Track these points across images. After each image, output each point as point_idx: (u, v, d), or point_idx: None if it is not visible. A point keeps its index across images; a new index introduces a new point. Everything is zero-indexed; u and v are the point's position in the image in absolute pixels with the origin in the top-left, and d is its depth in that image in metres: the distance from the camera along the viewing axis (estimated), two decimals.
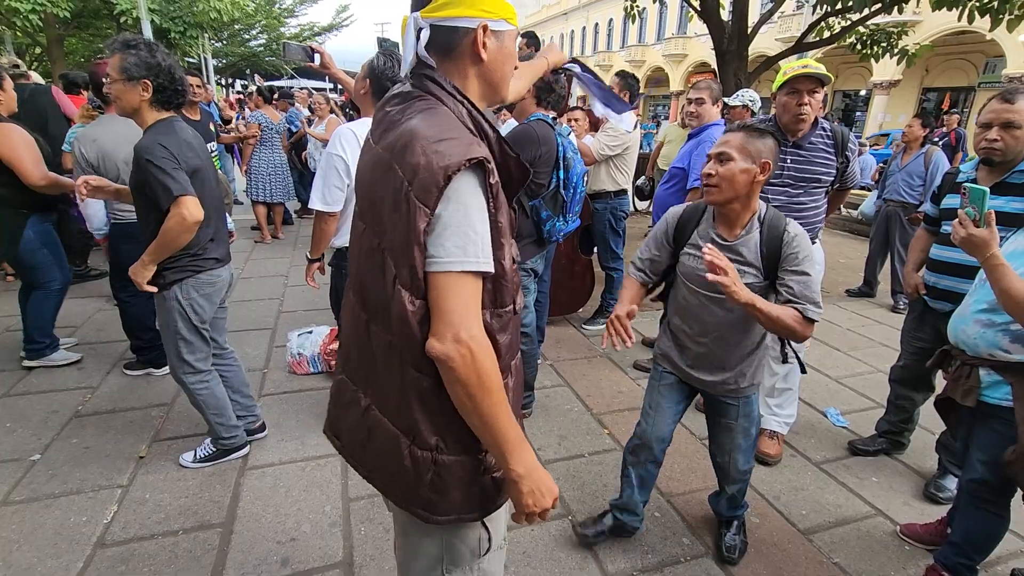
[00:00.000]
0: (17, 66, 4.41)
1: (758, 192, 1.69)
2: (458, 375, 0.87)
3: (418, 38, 0.94)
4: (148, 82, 1.94)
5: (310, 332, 3.43)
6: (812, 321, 1.60)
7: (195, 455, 2.40)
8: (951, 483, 2.39)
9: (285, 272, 5.27)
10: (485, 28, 0.94)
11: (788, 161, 2.47)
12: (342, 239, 2.40)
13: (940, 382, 2.55)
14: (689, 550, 2.06)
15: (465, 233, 0.86)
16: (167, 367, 3.38)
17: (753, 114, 4.02)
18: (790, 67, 2.37)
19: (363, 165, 1.02)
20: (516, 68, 1.09)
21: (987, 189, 1.54)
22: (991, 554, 1.85)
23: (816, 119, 2.45)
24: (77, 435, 2.62)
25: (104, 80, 2.01)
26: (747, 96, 4.07)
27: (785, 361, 2.14)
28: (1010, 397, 1.64)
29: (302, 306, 4.41)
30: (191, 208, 1.95)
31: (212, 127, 5.17)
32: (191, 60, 17.67)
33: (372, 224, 0.95)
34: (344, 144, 2.25)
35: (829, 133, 2.46)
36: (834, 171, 2.48)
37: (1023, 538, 2.16)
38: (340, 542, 2.04)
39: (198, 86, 4.71)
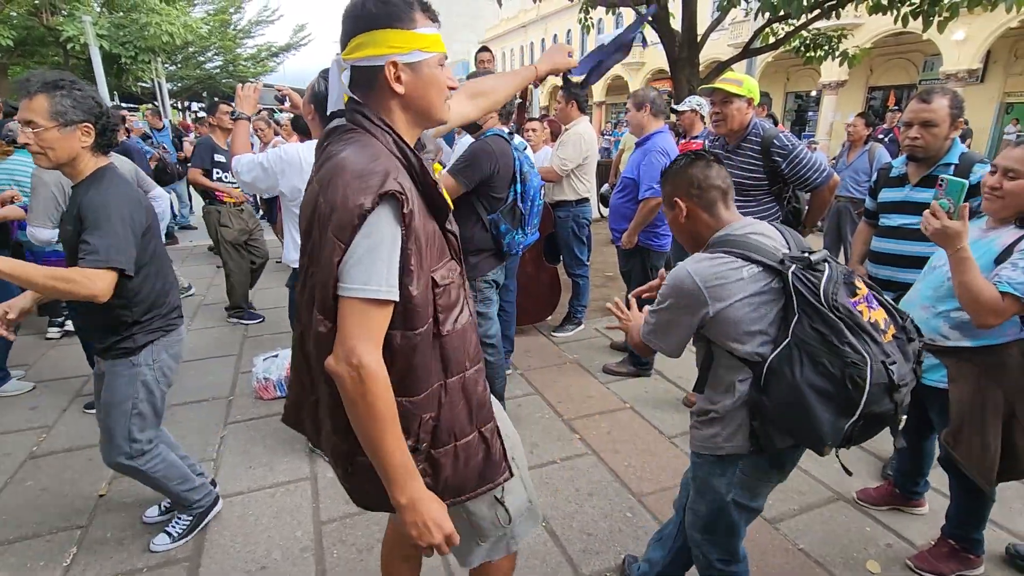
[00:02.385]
0: None
1: None
2: (347, 395, 0.96)
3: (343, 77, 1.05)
4: (90, 126, 1.69)
5: (275, 356, 3.38)
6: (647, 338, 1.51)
7: (172, 535, 2.09)
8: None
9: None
10: (395, 64, 1.01)
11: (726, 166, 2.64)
12: (295, 256, 2.40)
13: None
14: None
15: (372, 263, 0.93)
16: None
17: (702, 118, 4.15)
18: (721, 77, 2.61)
19: (306, 194, 1.08)
20: (454, 88, 1.12)
21: (966, 182, 1.56)
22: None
23: (752, 125, 2.63)
24: (32, 477, 2.51)
25: (22, 129, 1.64)
26: (694, 101, 4.21)
27: None
28: (945, 380, 1.75)
29: (267, 330, 4.34)
30: (101, 285, 1.59)
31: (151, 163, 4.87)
32: (144, 85, 17.29)
33: (306, 249, 1.02)
34: (282, 155, 2.43)
35: (758, 138, 2.60)
36: (762, 175, 2.59)
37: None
38: (312, 567, 2.01)
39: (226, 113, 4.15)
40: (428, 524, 1.02)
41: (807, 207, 2.81)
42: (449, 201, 1.09)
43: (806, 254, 1.28)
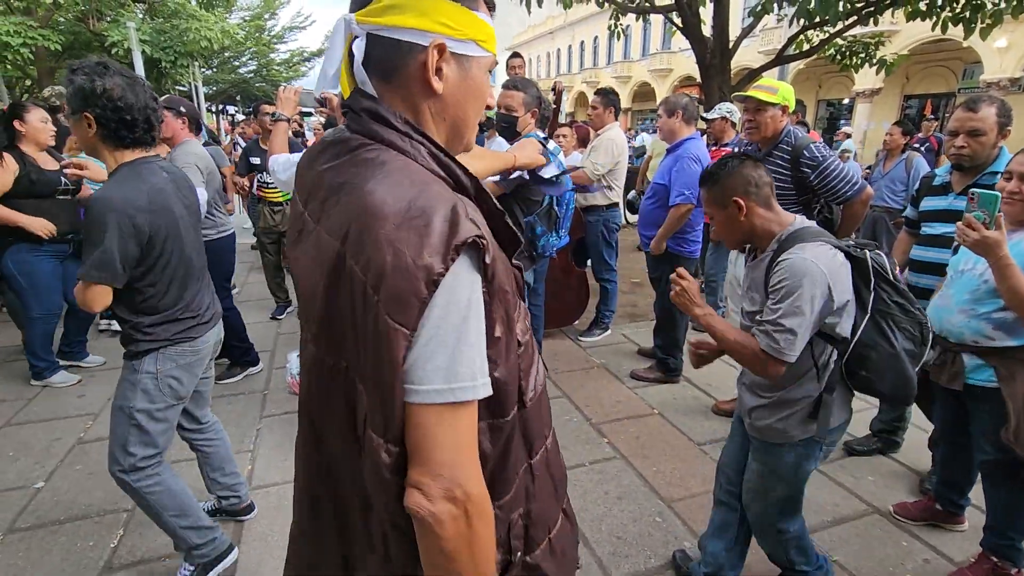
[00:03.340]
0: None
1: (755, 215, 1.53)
2: (444, 544, 0.64)
3: (352, 52, 0.70)
4: (88, 115, 1.55)
5: None
6: (770, 356, 1.40)
7: None
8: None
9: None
10: (441, 48, 0.69)
11: None
12: None
13: None
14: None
15: (455, 348, 0.62)
16: (261, 364, 3.55)
17: (733, 125, 4.14)
18: (753, 84, 2.60)
19: (301, 249, 0.74)
20: (490, 108, 0.91)
21: (999, 194, 1.61)
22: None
23: (785, 133, 2.59)
24: (80, 461, 2.63)
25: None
26: (725, 108, 4.20)
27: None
28: (993, 379, 1.76)
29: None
30: (88, 297, 1.58)
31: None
32: (181, 88, 17.85)
33: (324, 337, 0.70)
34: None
35: (790, 147, 2.55)
36: (789, 185, 2.54)
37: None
38: None
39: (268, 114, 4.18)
40: None
41: (839, 219, 2.76)
42: (520, 234, 0.78)
43: (856, 242, 1.47)
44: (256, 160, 4.40)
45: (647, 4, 6.97)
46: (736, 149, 4.31)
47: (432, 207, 0.62)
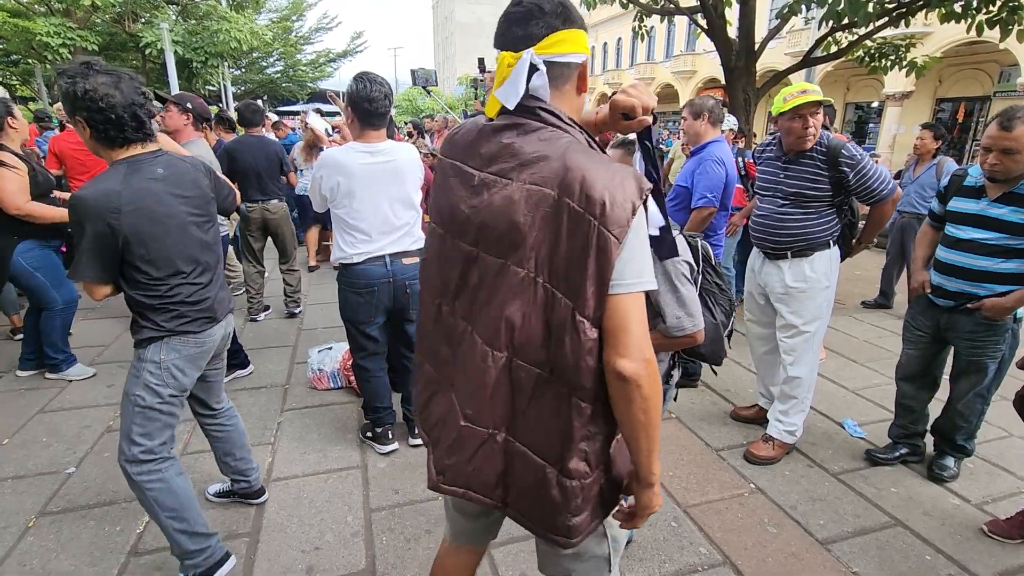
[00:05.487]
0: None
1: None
2: (644, 392, 0.92)
3: (529, 74, 0.97)
4: (80, 118, 1.57)
5: (330, 348, 3.52)
6: (682, 328, 1.56)
7: None
8: (950, 462, 2.59)
9: (304, 291, 5.39)
10: (586, 63, 1.03)
11: (782, 175, 2.60)
12: (340, 253, 2.48)
13: (945, 380, 2.59)
14: (706, 559, 2.07)
15: (643, 255, 0.94)
16: (251, 367, 3.54)
17: (735, 137, 4.18)
18: (789, 93, 2.47)
19: (489, 202, 0.98)
20: None
21: None
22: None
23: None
24: (109, 449, 2.71)
25: None
26: (732, 121, 4.38)
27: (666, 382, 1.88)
28: None
29: (321, 323, 4.52)
30: (90, 290, 1.66)
31: None
32: (211, 87, 18.27)
33: (521, 262, 0.95)
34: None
35: (824, 148, 2.50)
36: (827, 186, 2.49)
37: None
38: (362, 551, 2.09)
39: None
40: (660, 497, 1.07)
41: (863, 222, 2.71)
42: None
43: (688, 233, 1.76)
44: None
45: (671, 5, 6.92)
46: (739, 158, 4.28)
47: (626, 169, 0.94)
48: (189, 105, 3.19)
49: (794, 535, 2.20)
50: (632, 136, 3.33)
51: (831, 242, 2.60)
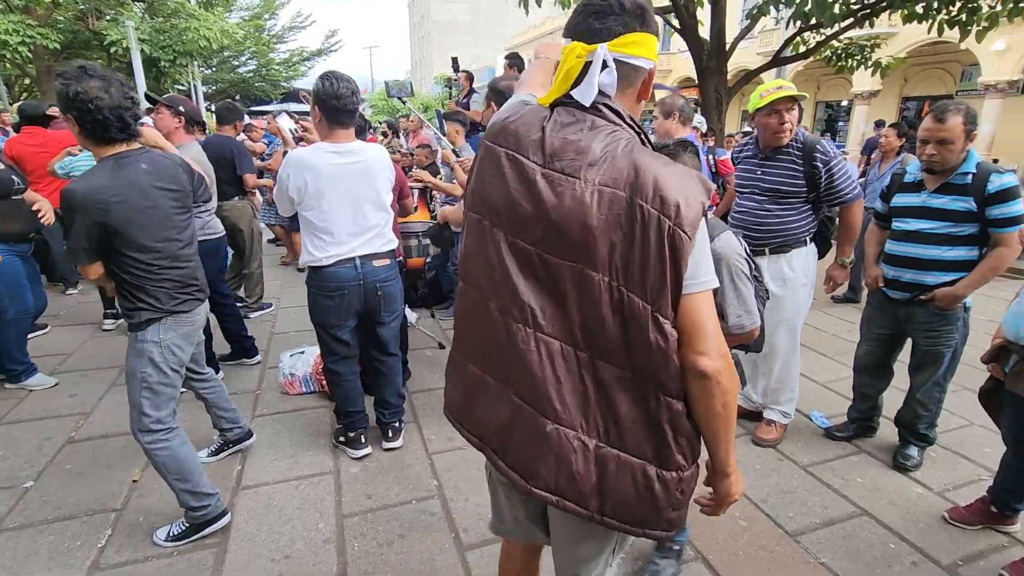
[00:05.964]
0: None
1: None
2: (723, 387, 0.96)
3: (602, 69, 0.98)
4: (71, 117, 1.76)
5: (302, 352, 3.46)
6: (742, 327, 1.74)
7: (168, 532, 2.11)
8: (914, 452, 2.66)
9: (276, 294, 5.30)
10: (653, 71, 1.04)
11: (759, 172, 2.65)
12: (309, 256, 2.43)
13: (900, 370, 2.67)
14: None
15: (708, 255, 0.98)
16: (258, 356, 3.76)
17: (703, 134, 4.27)
18: (765, 89, 2.52)
19: (556, 201, 0.96)
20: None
21: None
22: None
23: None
24: (70, 461, 2.62)
25: None
26: (697, 119, 4.52)
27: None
28: None
29: (293, 327, 4.44)
30: (85, 270, 1.89)
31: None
32: (181, 87, 17.83)
33: (596, 265, 0.94)
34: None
35: (800, 144, 2.56)
36: (802, 181, 2.54)
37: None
38: (334, 558, 2.05)
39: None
40: (741, 483, 1.11)
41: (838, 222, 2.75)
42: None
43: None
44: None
45: None
46: (712, 158, 4.39)
47: (691, 171, 0.97)
48: (181, 108, 3.16)
49: (764, 528, 2.24)
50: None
51: (808, 239, 2.66)
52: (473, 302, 1.10)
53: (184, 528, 2.12)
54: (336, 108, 2.30)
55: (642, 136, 1.02)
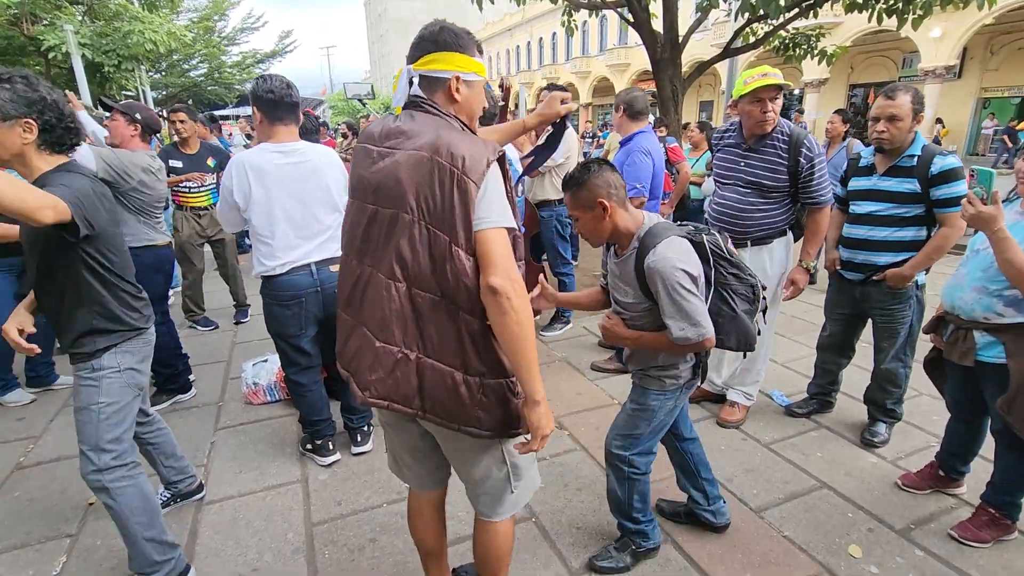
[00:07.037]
0: None
1: (621, 210, 1.70)
2: (512, 304, 1.16)
3: (410, 84, 1.32)
4: (31, 121, 1.59)
5: (265, 361, 3.38)
6: (687, 339, 1.61)
7: None
8: (881, 428, 2.75)
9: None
10: (457, 78, 1.30)
11: (742, 164, 2.63)
12: (261, 267, 2.37)
13: (863, 348, 2.78)
14: None
15: (501, 201, 1.22)
16: (193, 390, 3.42)
17: (656, 124, 4.28)
18: (750, 75, 2.48)
19: (380, 166, 1.27)
20: (493, 127, 1.54)
21: (993, 171, 1.71)
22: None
23: (778, 122, 2.54)
24: (19, 488, 2.50)
25: None
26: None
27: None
28: (1003, 355, 1.85)
29: (256, 336, 4.33)
30: (50, 212, 1.57)
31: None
32: (128, 93, 17.12)
33: (407, 209, 1.21)
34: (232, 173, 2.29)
35: (787, 135, 2.52)
36: (785, 175, 2.52)
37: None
38: (304, 568, 2.02)
39: (181, 121, 4.09)
40: (550, 416, 1.29)
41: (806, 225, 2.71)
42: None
43: (694, 227, 1.76)
44: (177, 164, 4.14)
45: (598, 0, 7.04)
46: (663, 146, 4.39)
47: (484, 140, 1.25)
48: (138, 116, 3.00)
49: (731, 506, 2.29)
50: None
51: (786, 228, 2.70)
52: (344, 262, 1.39)
53: None
54: (272, 101, 2.24)
55: (457, 122, 1.30)
